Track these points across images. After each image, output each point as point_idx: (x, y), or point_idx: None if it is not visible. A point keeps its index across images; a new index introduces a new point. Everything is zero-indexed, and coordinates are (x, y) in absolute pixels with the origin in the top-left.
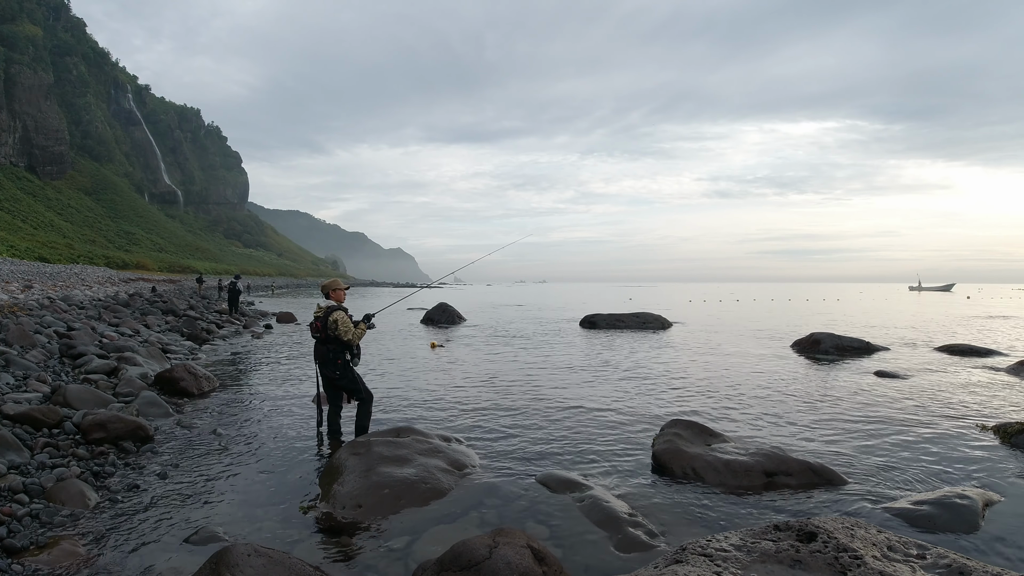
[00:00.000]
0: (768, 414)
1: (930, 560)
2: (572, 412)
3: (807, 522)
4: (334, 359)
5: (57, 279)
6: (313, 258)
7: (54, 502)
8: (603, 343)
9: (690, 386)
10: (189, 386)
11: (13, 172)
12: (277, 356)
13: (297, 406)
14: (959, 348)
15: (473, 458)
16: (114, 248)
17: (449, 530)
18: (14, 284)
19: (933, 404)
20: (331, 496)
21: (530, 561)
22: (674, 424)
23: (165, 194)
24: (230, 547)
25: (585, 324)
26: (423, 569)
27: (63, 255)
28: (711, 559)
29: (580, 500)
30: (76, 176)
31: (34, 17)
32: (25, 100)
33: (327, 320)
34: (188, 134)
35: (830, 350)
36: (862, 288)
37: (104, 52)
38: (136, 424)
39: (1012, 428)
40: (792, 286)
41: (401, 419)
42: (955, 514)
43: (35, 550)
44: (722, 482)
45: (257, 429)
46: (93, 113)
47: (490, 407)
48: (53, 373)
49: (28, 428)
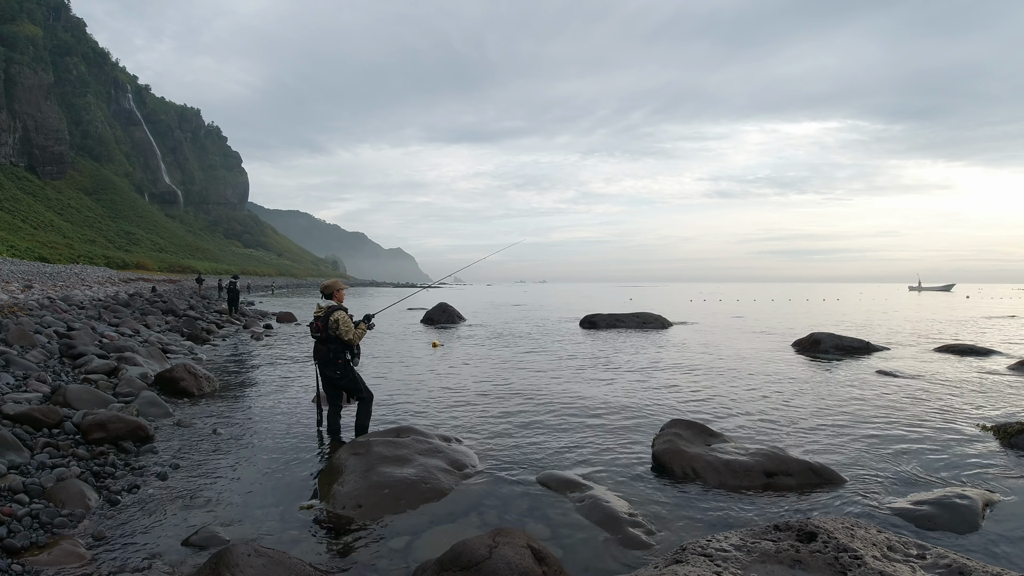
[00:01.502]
0: (768, 414)
1: (930, 560)
2: (572, 412)
3: (807, 522)
4: (335, 359)
5: (57, 279)
6: (313, 258)
7: (54, 502)
8: (603, 343)
9: (690, 386)
10: (189, 386)
11: (13, 172)
12: (277, 356)
13: (297, 406)
14: (959, 348)
15: (473, 458)
16: (114, 248)
17: (449, 530)
18: (14, 284)
19: (933, 404)
20: (331, 496)
21: (530, 561)
22: (674, 424)
23: (165, 194)
24: (230, 547)
25: (585, 324)
26: (423, 569)
27: (63, 255)
28: (711, 559)
29: (580, 500)
30: (76, 176)
31: (34, 17)
32: (25, 100)
33: (328, 320)
34: (188, 134)
35: (830, 350)
36: (862, 288)
37: (104, 52)
38: (136, 424)
39: (1012, 428)
40: (792, 286)
41: (401, 419)
42: (955, 514)
43: (35, 550)
44: (722, 482)
45: (257, 429)
46: (93, 113)
47: (490, 407)
48: (53, 373)
49: (28, 428)
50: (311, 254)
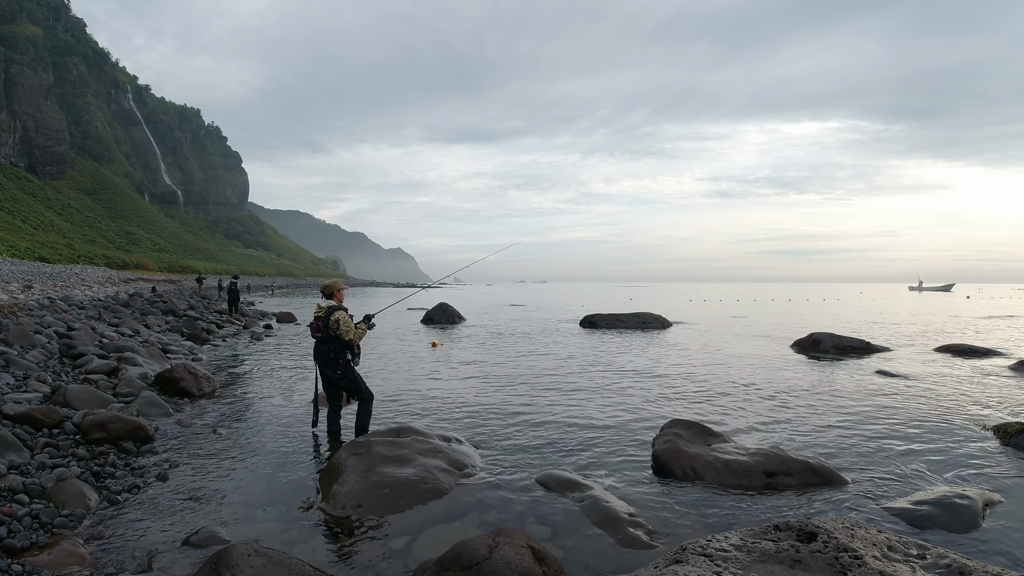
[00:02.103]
0: (768, 414)
1: (930, 560)
2: (572, 412)
3: (807, 522)
4: (335, 359)
5: (57, 279)
6: (313, 258)
7: (54, 502)
8: (603, 343)
9: (690, 386)
10: (189, 386)
11: (13, 172)
12: (277, 356)
13: (297, 406)
14: (959, 348)
15: (473, 458)
16: (114, 248)
17: (449, 530)
18: (14, 284)
19: (933, 404)
20: (331, 496)
21: (530, 561)
22: (674, 424)
23: (165, 194)
24: (230, 547)
25: (585, 324)
26: (423, 569)
27: (63, 255)
28: (711, 559)
29: (580, 500)
30: (76, 176)
31: (34, 17)
32: (25, 100)
33: (328, 320)
34: (188, 134)
35: (830, 350)
36: (862, 288)
37: (104, 52)
38: (136, 424)
39: (1012, 428)
40: (792, 286)
41: (401, 419)
42: (955, 514)
43: (35, 550)
44: (722, 482)
45: (257, 429)
46: (93, 113)
47: (490, 407)
48: (53, 373)
49: (28, 428)
50: (311, 254)
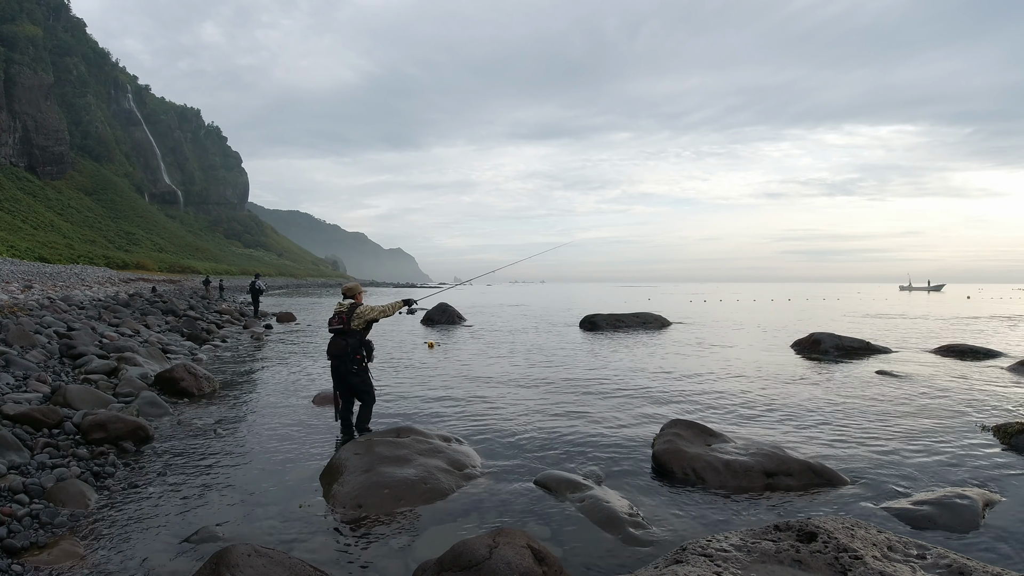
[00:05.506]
0: (768, 414)
1: (930, 560)
2: (572, 412)
3: (807, 522)
4: (352, 354)
5: (57, 279)
6: (313, 258)
7: (54, 502)
8: (603, 343)
9: (690, 386)
10: (189, 386)
11: (13, 172)
12: (277, 356)
13: (297, 406)
14: (959, 348)
15: (473, 458)
16: (114, 248)
17: (449, 530)
18: (14, 284)
19: (933, 404)
20: (331, 496)
21: (530, 561)
22: (674, 424)
23: (165, 194)
24: (230, 547)
25: (585, 324)
26: (423, 569)
27: (63, 255)
28: (711, 559)
29: (580, 500)
30: (76, 176)
31: (34, 17)
32: (25, 100)
33: (352, 312)
34: (188, 134)
35: (830, 350)
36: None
37: (104, 52)
38: (136, 424)
39: (1012, 428)
40: (803, 286)
41: (401, 419)
42: (955, 514)
43: (35, 550)
44: (722, 482)
45: (257, 429)
46: (93, 113)
47: (490, 407)
48: (53, 373)
49: (28, 428)
50: (311, 254)
